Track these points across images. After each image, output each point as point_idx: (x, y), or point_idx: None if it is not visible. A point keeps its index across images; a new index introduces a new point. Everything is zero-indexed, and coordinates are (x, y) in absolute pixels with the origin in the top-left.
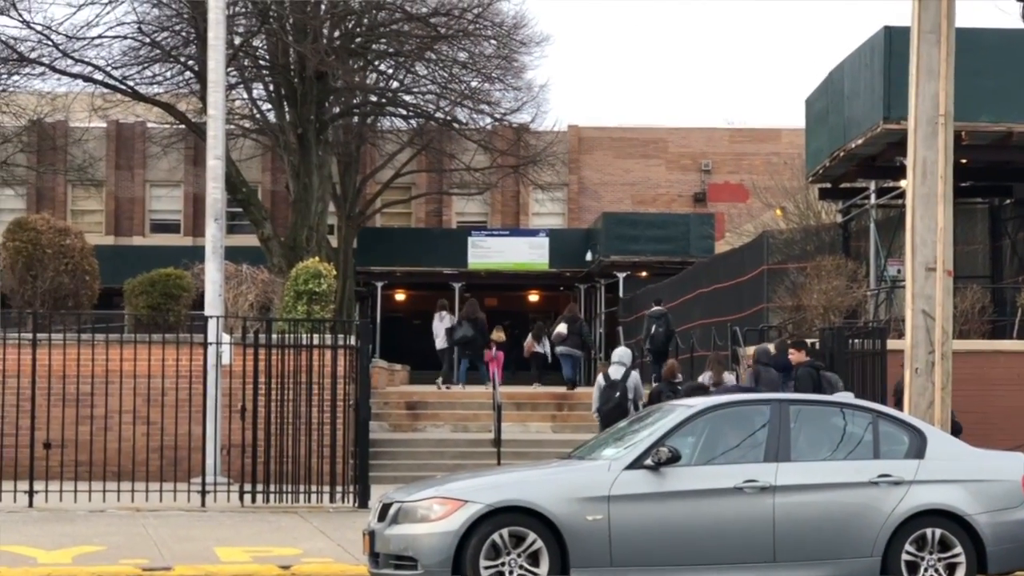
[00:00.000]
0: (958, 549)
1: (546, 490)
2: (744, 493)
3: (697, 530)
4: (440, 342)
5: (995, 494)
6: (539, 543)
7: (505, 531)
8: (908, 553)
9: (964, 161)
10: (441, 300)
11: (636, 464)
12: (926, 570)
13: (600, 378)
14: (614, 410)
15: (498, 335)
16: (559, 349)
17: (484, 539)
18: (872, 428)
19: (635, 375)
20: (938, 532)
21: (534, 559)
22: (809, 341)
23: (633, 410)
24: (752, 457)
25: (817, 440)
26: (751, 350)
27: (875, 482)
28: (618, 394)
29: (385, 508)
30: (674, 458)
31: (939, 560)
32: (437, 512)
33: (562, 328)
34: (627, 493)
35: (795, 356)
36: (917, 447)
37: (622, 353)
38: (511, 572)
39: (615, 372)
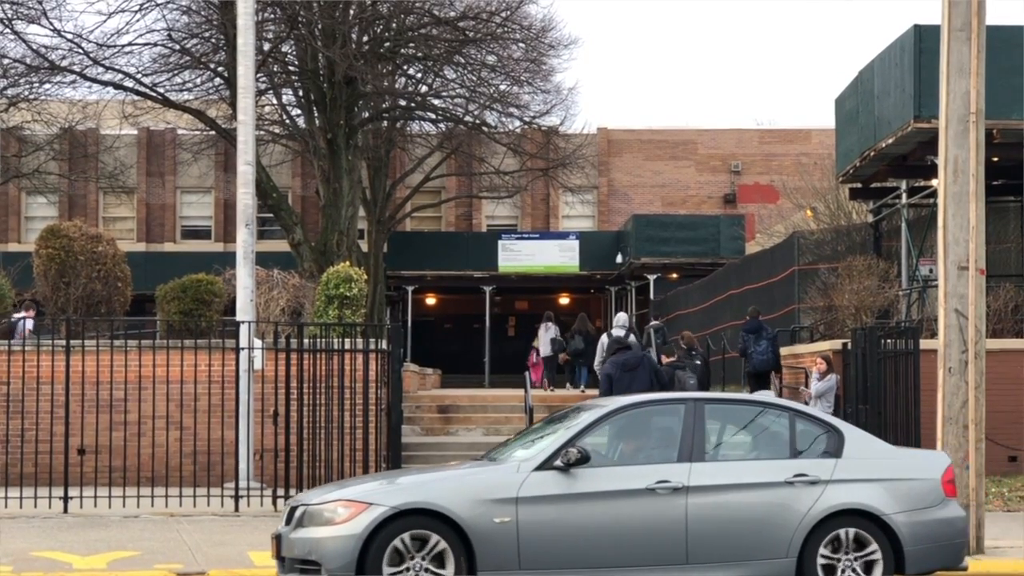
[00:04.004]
0: (874, 548)
1: (453, 492)
2: (656, 494)
3: (608, 532)
4: (544, 350)
5: (914, 493)
6: (444, 546)
7: (409, 534)
8: (824, 553)
9: (996, 159)
10: (547, 312)
11: (545, 465)
12: (843, 571)
13: (604, 337)
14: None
15: (538, 342)
16: None
17: (388, 542)
18: (789, 427)
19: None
20: (854, 532)
21: (439, 562)
22: (841, 341)
23: None
24: (665, 457)
25: (733, 439)
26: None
27: (791, 482)
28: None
29: (292, 511)
30: (583, 459)
31: (855, 560)
32: (341, 515)
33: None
34: (536, 495)
35: (665, 360)
36: (835, 446)
37: (623, 318)
38: None
39: (617, 332)
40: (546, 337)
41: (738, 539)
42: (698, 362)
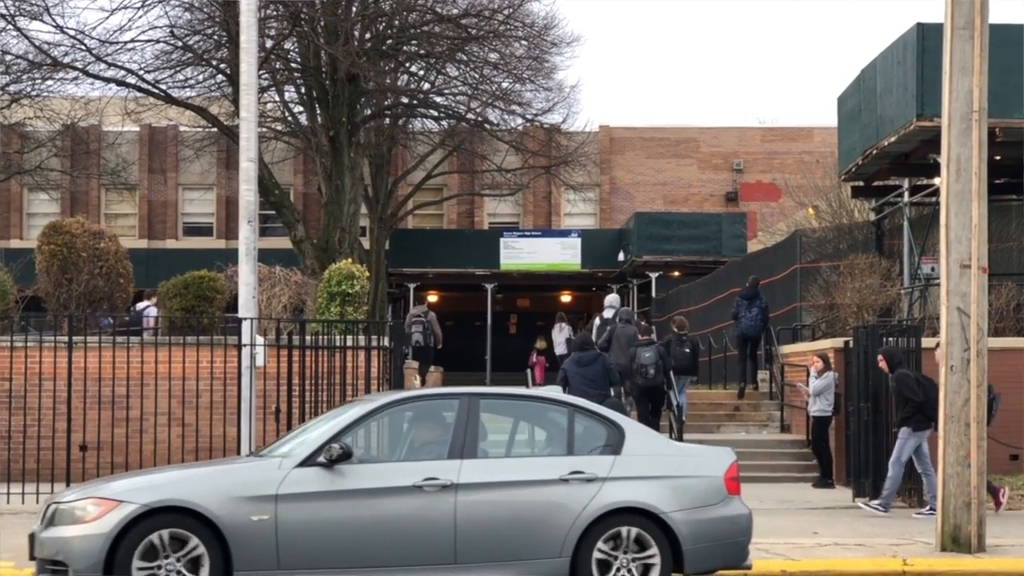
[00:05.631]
0: (652, 548)
1: (209, 489)
2: (424, 492)
3: (373, 530)
4: (560, 349)
5: (695, 491)
6: (198, 544)
7: (160, 533)
8: (600, 552)
9: (998, 158)
10: (560, 312)
11: (308, 461)
12: (618, 570)
13: (596, 319)
14: (606, 342)
15: (541, 343)
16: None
17: (137, 541)
18: (568, 423)
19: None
20: (632, 531)
21: (194, 562)
22: (843, 339)
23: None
24: (436, 454)
25: (508, 436)
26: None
27: (566, 479)
28: (608, 328)
29: (47, 509)
30: (345, 455)
31: (632, 561)
32: (91, 513)
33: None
34: (296, 492)
35: (641, 336)
36: (614, 443)
37: (613, 299)
38: None
39: (608, 313)
40: (560, 337)
41: (509, 538)
42: (687, 350)
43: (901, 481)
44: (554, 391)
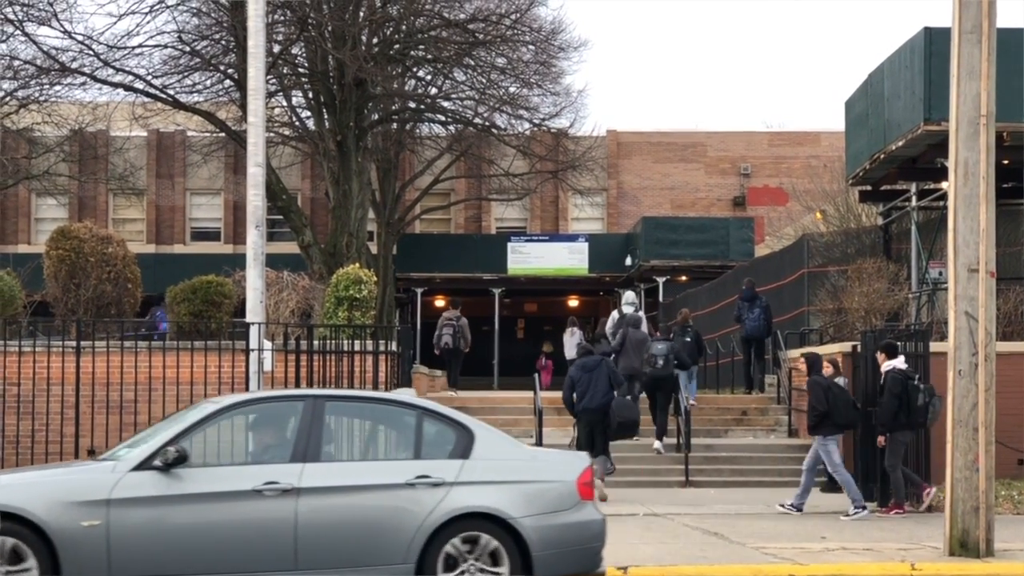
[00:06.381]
0: (501, 553)
1: (38, 494)
2: (264, 496)
3: (210, 536)
4: (570, 353)
5: (546, 496)
6: (26, 551)
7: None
8: (446, 558)
9: (1006, 162)
10: (571, 317)
11: (144, 465)
12: (463, 573)
13: (615, 312)
14: (619, 344)
15: (547, 347)
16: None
17: None
18: (416, 427)
19: (640, 313)
20: (480, 536)
21: (24, 570)
22: (850, 344)
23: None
24: (278, 457)
25: (353, 439)
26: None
27: (412, 484)
28: (621, 331)
29: None
30: (181, 458)
31: (479, 570)
32: None
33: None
34: (130, 496)
35: (656, 333)
36: (463, 447)
37: (631, 295)
38: None
39: (627, 309)
40: (571, 342)
41: (353, 544)
42: (688, 339)
43: (854, 481)
44: (405, 393)
